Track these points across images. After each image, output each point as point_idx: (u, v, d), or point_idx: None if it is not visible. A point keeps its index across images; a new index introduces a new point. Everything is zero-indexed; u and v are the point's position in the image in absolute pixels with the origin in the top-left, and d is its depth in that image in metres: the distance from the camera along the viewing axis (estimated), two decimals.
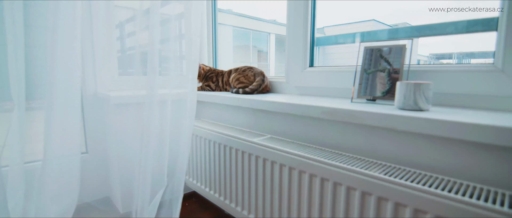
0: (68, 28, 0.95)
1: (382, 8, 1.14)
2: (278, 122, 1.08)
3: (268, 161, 0.89)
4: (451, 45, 1.05)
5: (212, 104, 1.43)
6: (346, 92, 1.04)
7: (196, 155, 1.28)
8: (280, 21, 6.64)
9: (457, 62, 1.07)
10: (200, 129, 1.19)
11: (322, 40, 1.34)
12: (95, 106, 1.39)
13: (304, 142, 0.99)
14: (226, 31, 5.05)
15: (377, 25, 1.67)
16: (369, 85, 0.89)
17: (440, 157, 0.70)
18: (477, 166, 0.65)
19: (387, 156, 0.79)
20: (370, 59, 0.90)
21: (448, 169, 0.69)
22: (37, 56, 1.01)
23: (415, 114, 0.66)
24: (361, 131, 0.84)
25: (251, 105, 1.07)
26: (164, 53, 1.10)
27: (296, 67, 1.20)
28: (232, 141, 1.01)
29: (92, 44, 1.33)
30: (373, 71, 0.89)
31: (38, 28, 1.00)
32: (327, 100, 0.96)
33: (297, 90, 1.23)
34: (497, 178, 0.63)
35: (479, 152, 0.64)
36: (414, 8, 0.95)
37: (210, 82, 1.46)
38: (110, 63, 1.40)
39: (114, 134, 1.26)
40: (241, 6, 5.69)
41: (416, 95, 0.71)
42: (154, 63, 0.96)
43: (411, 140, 0.74)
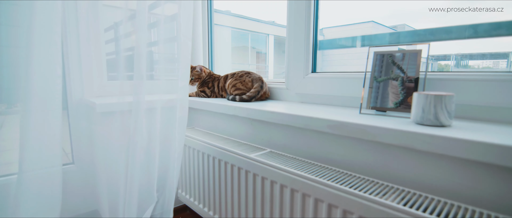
0: (45, 28, 0.85)
1: (381, 9, 1.09)
2: (278, 134, 0.99)
3: (267, 180, 0.79)
4: (451, 46, 0.98)
5: (206, 112, 1.33)
6: (352, 101, 0.95)
7: (189, 168, 1.18)
8: (279, 22, 6.58)
9: (455, 64, 1.05)
10: (193, 140, 1.09)
11: (325, 43, 1.25)
12: (81, 113, 1.29)
13: (307, 157, 0.89)
14: (224, 32, 4.94)
15: (376, 27, 1.62)
16: (380, 94, 0.80)
17: (468, 182, 0.61)
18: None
19: (402, 179, 0.70)
20: (381, 65, 0.81)
21: (477, 198, 0.60)
22: (8, 56, 0.91)
23: (437, 131, 0.57)
24: (372, 148, 0.75)
25: (248, 114, 0.98)
26: (153, 57, 1.00)
27: (297, 72, 1.11)
28: (228, 156, 0.92)
29: (78, 47, 1.24)
30: (384, 79, 0.80)
31: (12, 27, 0.91)
32: (331, 110, 0.87)
33: (298, 98, 1.13)
34: None
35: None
36: (414, 9, 0.91)
37: (206, 88, 1.37)
38: (98, 66, 1.30)
39: (101, 144, 1.16)
40: (239, 7, 5.62)
41: (437, 109, 0.62)
42: (141, 67, 0.86)
43: (431, 161, 0.65)
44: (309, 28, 1.06)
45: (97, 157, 1.26)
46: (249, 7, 6.64)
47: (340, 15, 1.33)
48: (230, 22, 5.81)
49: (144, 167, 0.95)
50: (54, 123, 0.95)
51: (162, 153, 1.04)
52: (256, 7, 7.47)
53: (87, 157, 1.34)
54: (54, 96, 0.94)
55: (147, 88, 0.92)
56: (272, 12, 6.30)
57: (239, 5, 5.46)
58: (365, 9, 1.09)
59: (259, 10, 7.57)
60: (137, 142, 0.88)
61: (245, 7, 5.90)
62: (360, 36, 1.61)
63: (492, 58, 0.91)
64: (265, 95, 1.19)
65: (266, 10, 7.32)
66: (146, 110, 0.92)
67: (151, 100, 0.95)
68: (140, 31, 0.86)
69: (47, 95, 0.91)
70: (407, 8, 0.99)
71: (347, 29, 1.53)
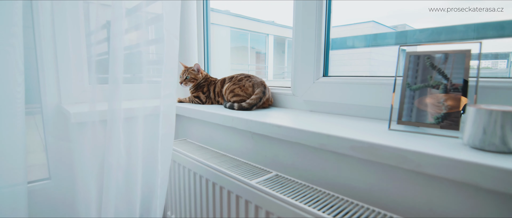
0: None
1: (380, 9, 1.06)
2: (286, 152, 0.82)
3: (274, 217, 0.62)
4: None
5: (200, 122, 1.16)
6: (375, 111, 0.79)
7: (179, 188, 1.01)
8: (279, 22, 6.46)
9: None
10: (183, 157, 0.92)
11: (337, 42, 1.10)
12: (58, 122, 1.13)
13: (322, 185, 0.73)
14: (223, 32, 4.79)
15: (377, 26, 1.56)
16: (415, 106, 0.63)
17: None
18: None
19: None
20: (416, 69, 0.65)
21: None
22: None
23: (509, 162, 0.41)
24: (412, 179, 0.58)
25: (249, 127, 0.81)
26: (134, 59, 0.84)
27: (306, 76, 0.95)
28: (224, 180, 0.75)
29: (55, 48, 1.08)
30: (420, 86, 0.63)
31: None
32: (350, 123, 0.70)
33: (307, 106, 0.97)
34: None
35: None
36: (414, 9, 0.91)
37: (200, 93, 1.20)
38: (78, 69, 1.14)
39: (79, 159, 0.99)
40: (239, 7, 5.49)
41: (506, 130, 0.46)
42: (116, 69, 0.70)
43: (495, 199, 0.49)
44: (321, 24, 0.90)
45: (76, 172, 1.10)
46: (248, 6, 6.53)
47: (340, 15, 1.29)
48: (229, 22, 5.68)
49: (122, 191, 0.78)
50: (14, 133, 0.78)
51: (147, 173, 0.87)
52: (256, 7, 7.36)
53: (65, 172, 1.17)
54: (13, 104, 0.78)
55: (125, 93, 0.75)
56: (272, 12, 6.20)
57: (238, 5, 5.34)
58: (364, 9, 1.02)
59: (258, 9, 7.44)
60: (112, 163, 0.72)
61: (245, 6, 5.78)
62: (362, 36, 1.48)
63: (493, 58, 0.89)
64: (267, 102, 1.03)
65: (266, 9, 7.21)
66: (125, 120, 0.76)
67: (131, 107, 0.78)
68: (115, 22, 0.69)
69: (3, 103, 0.74)
70: (407, 8, 0.98)
71: (347, 29, 1.45)
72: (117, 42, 0.68)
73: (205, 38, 1.48)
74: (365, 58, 2.09)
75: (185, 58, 1.37)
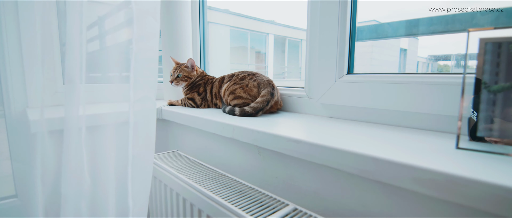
0: None
1: (380, 9, 1.05)
2: (306, 176, 0.62)
3: None
4: (451, 46, 1.00)
5: (194, 130, 0.97)
6: (422, 120, 0.59)
7: (163, 214, 0.81)
8: (279, 22, 6.32)
9: (455, 63, 1.01)
10: (170, 177, 0.72)
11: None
12: (23, 131, 0.94)
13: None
14: (223, 31, 4.61)
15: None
16: (498, 115, 0.44)
17: None
18: None
19: None
20: (496, 62, 0.45)
21: None
22: None
23: None
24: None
25: (254, 140, 0.62)
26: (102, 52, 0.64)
27: (325, 74, 0.75)
28: (224, 214, 0.55)
29: (20, 45, 0.89)
30: (506, 86, 0.44)
31: None
32: (394, 138, 0.51)
33: (326, 111, 0.77)
34: None
35: None
36: (414, 9, 0.91)
37: (195, 94, 1.00)
38: (49, 69, 0.96)
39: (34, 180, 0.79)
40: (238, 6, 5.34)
41: None
42: (72, 65, 0.50)
43: None
44: (346, 7, 0.70)
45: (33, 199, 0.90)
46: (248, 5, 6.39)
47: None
48: (229, 21, 5.51)
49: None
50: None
51: (121, 196, 0.67)
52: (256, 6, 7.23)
53: (36, 187, 0.98)
54: None
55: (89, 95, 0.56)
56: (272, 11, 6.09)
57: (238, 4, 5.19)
58: (364, 9, 0.90)
59: (258, 8, 7.29)
60: (68, 191, 0.52)
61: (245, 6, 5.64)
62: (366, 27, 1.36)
63: None
64: (276, 105, 0.83)
65: (266, 8, 7.07)
66: (88, 129, 0.56)
67: (96, 113, 0.59)
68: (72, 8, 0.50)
69: None
70: (407, 8, 0.98)
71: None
72: (72, 28, 0.48)
73: (201, 36, 1.29)
74: (365, 58, 1.94)
75: (177, 55, 1.18)
